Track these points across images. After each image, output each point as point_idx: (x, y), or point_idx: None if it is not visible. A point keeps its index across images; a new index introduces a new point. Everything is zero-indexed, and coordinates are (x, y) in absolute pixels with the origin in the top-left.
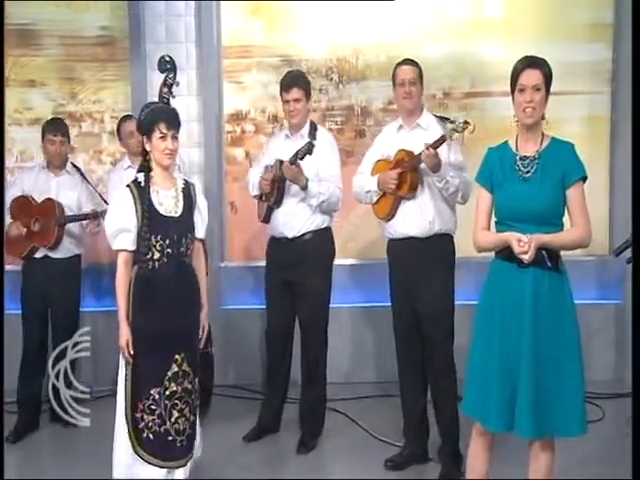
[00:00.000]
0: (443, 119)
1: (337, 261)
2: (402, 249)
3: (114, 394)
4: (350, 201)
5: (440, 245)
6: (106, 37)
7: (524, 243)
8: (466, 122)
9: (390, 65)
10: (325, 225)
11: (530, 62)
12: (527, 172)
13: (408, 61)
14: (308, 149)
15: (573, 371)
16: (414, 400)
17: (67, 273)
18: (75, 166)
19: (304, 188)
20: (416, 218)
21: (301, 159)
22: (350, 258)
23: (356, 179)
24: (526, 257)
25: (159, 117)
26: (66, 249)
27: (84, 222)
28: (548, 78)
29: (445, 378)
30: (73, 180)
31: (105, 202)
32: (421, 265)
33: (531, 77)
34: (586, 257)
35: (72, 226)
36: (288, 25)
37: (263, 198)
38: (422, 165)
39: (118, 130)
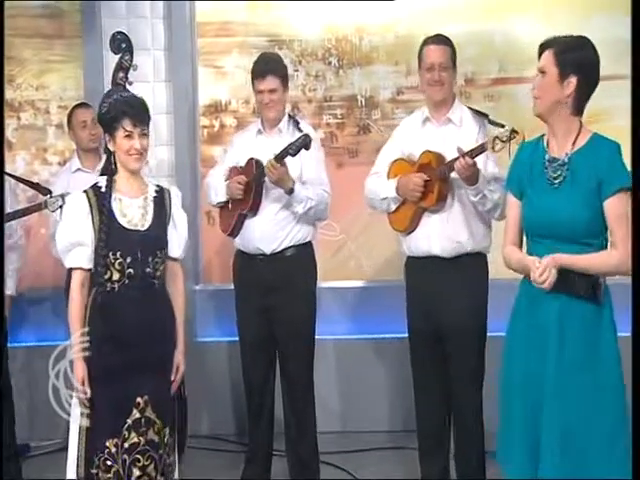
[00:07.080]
0: (481, 115)
1: (337, 284)
2: (423, 268)
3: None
4: (351, 210)
5: (469, 266)
6: (53, 8)
7: (539, 265)
8: (514, 131)
9: (399, 47)
10: (309, 238)
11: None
12: (556, 178)
13: (439, 39)
14: (304, 143)
15: (611, 412)
16: (434, 449)
17: None
18: None
19: (290, 192)
20: (441, 234)
21: (294, 155)
22: (353, 280)
23: (369, 182)
24: (545, 286)
25: (122, 111)
26: None
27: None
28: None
29: (470, 418)
30: None
31: (31, 184)
32: (445, 288)
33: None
34: None
35: None
36: None
37: (230, 206)
38: (454, 174)
39: (69, 119)
